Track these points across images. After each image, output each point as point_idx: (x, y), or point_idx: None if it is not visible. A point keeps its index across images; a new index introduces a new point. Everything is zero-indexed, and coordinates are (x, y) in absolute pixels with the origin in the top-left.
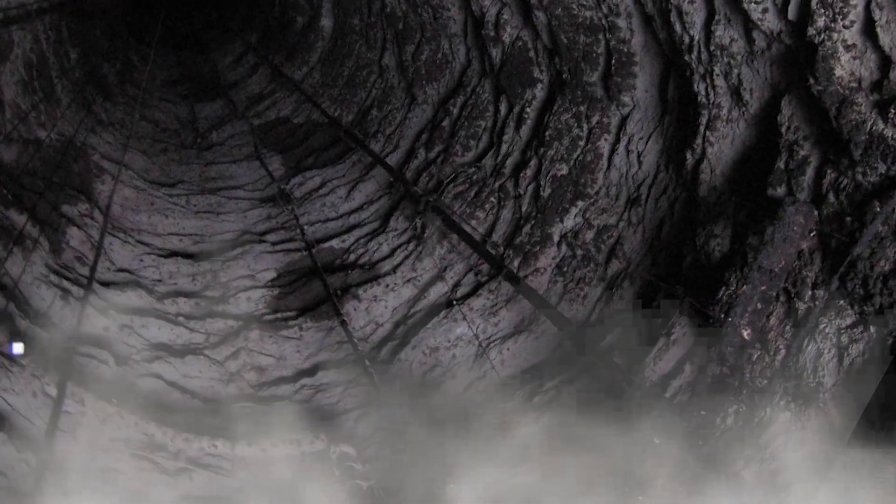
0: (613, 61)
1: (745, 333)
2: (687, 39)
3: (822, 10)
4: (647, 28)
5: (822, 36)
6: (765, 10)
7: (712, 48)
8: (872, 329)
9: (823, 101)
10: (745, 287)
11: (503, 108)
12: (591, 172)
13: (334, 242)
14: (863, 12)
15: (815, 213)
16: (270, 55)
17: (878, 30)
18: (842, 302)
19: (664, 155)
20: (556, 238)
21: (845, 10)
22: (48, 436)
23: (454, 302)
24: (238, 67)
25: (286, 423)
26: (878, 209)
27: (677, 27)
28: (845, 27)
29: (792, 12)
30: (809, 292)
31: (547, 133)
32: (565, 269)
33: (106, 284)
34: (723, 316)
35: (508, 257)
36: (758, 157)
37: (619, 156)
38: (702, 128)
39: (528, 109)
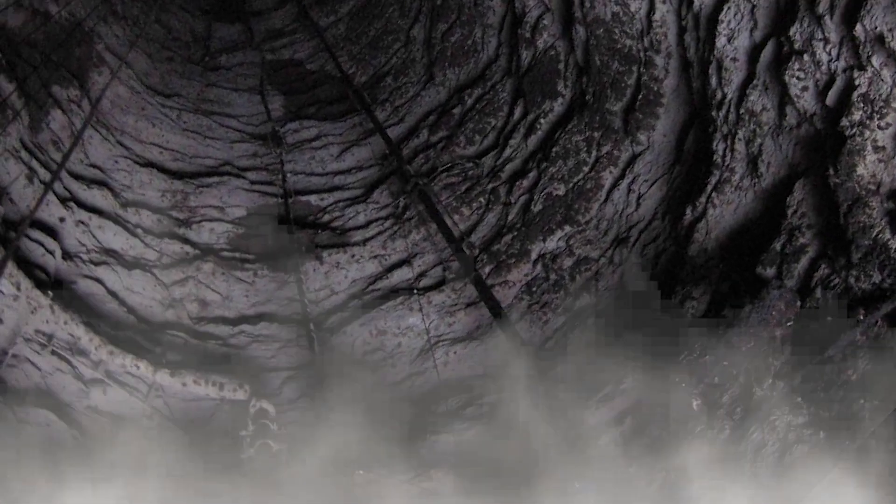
0: (640, 96)
1: (695, 404)
2: (719, 95)
3: (862, 105)
4: (682, 73)
5: (854, 130)
6: (804, 89)
7: (742, 111)
8: (822, 434)
9: (837, 195)
10: (707, 357)
11: (518, 112)
12: (587, 201)
13: (313, 198)
14: None
15: (798, 303)
16: None
17: None
18: (799, 399)
19: (664, 203)
20: (533, 256)
21: (885, 110)
22: None
23: (415, 291)
24: None
25: (214, 364)
26: (861, 317)
27: (713, 80)
28: (880, 127)
29: (831, 98)
30: (770, 381)
31: (554, 149)
32: (535, 289)
33: (74, 176)
34: (677, 380)
35: (481, 261)
36: (757, 231)
37: (620, 192)
38: (709, 187)
39: (542, 120)
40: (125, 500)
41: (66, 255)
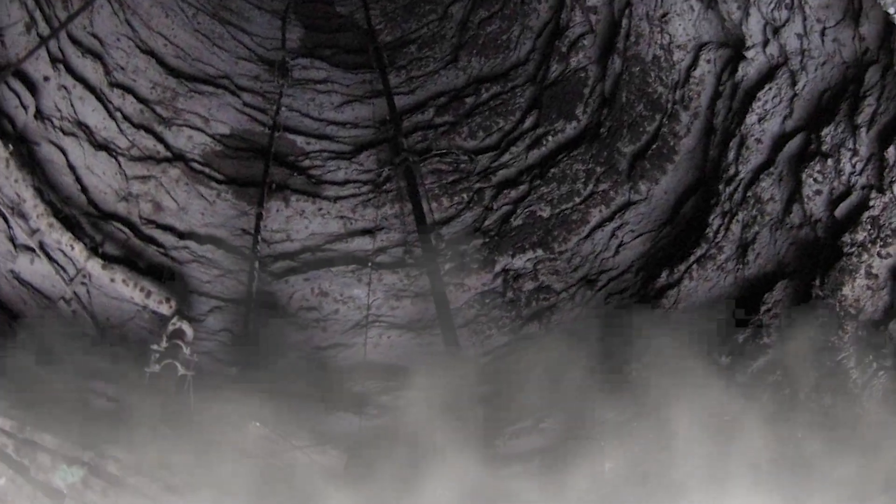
0: (654, 146)
1: (608, 467)
2: (732, 171)
3: (869, 227)
4: (703, 137)
5: (853, 249)
6: (818, 192)
7: (749, 194)
8: None
9: (815, 308)
10: (635, 424)
11: (528, 122)
12: (568, 232)
13: (300, 139)
14: None
15: (742, 402)
16: None
17: None
18: None
19: (643, 259)
20: (497, 268)
21: (890, 240)
22: None
23: (370, 264)
24: None
25: (148, 270)
26: (799, 436)
27: (731, 154)
28: (879, 255)
29: (841, 210)
30: (694, 463)
31: (553, 170)
32: (488, 301)
33: (72, 40)
34: (598, 437)
35: (444, 257)
36: (724, 317)
37: (603, 234)
38: (692, 258)
39: (550, 137)
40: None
41: (39, 115)
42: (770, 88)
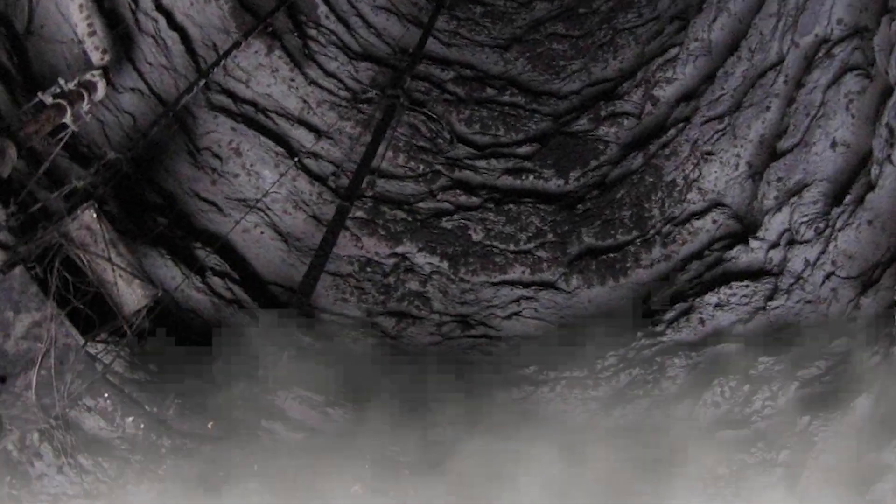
0: (611, 255)
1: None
2: (659, 329)
3: (735, 468)
4: (659, 280)
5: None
6: (715, 405)
7: (658, 360)
8: None
9: None
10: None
11: (523, 150)
12: (483, 267)
13: (323, 8)
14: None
15: None
16: None
17: None
18: None
19: (525, 341)
20: (399, 249)
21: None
22: None
23: (296, 158)
24: None
25: (107, 14)
26: None
27: (669, 315)
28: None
29: (722, 437)
30: None
31: (510, 206)
32: (368, 270)
33: None
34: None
35: (362, 204)
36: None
37: (509, 293)
38: (566, 373)
39: (531, 177)
40: None
41: None
42: (747, 286)
